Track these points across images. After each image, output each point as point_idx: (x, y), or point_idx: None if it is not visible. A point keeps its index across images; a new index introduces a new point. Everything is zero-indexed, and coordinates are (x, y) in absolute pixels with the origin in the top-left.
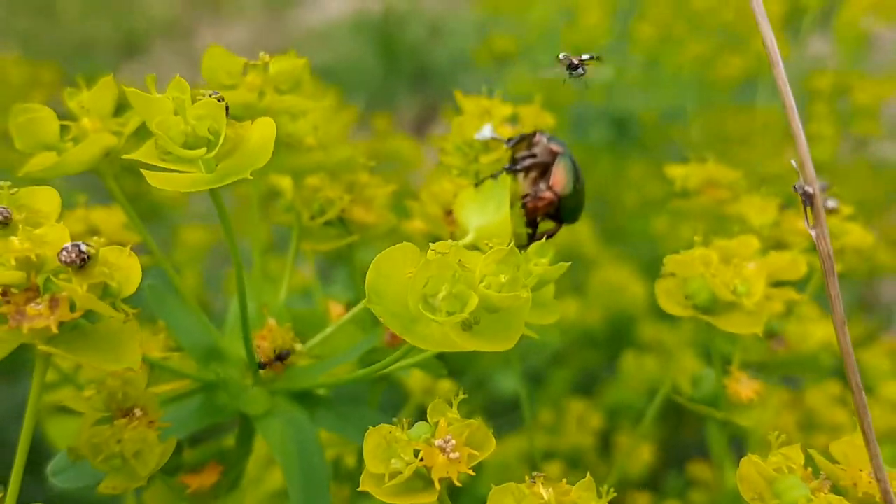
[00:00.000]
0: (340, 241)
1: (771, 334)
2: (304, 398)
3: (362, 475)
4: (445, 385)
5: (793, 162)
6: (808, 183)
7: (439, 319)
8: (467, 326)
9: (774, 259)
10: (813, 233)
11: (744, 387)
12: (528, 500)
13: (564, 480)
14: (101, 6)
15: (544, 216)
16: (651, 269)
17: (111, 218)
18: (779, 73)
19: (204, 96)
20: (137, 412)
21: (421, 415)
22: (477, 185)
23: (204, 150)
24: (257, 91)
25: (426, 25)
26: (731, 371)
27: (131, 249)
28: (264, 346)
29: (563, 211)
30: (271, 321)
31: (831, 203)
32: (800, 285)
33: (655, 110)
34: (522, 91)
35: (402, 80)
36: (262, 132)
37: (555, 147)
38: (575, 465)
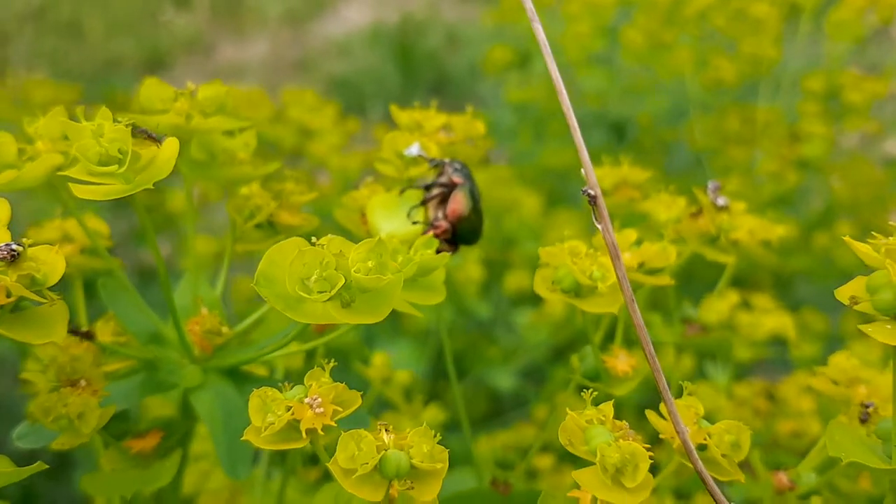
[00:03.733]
0: (269, 241)
1: (686, 320)
2: (234, 374)
3: (246, 429)
4: (402, 375)
5: (582, 171)
6: (591, 187)
7: (312, 298)
8: (346, 304)
9: (646, 248)
10: (599, 226)
11: (621, 362)
12: (367, 441)
13: (408, 430)
14: (126, 25)
15: (443, 241)
16: None
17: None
18: (563, 99)
19: (122, 123)
20: (83, 383)
21: (381, 402)
22: (400, 191)
23: (115, 166)
24: (185, 115)
25: (443, 34)
26: (612, 348)
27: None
28: (196, 330)
29: (460, 235)
30: (204, 309)
31: (721, 201)
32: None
33: (651, 114)
34: (523, 98)
35: (419, 88)
36: (168, 151)
37: (456, 178)
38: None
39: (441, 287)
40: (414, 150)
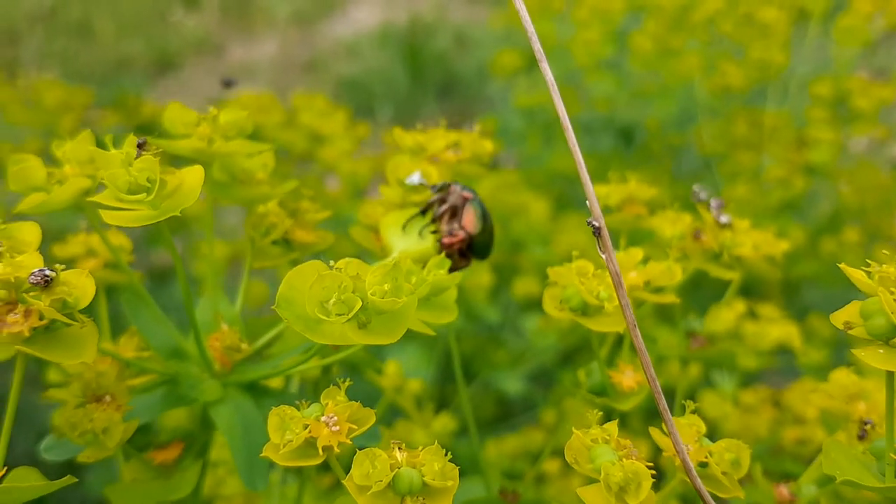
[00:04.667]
0: (285, 257)
1: (690, 334)
2: (253, 389)
3: (266, 445)
4: (414, 384)
5: (587, 202)
6: (595, 218)
7: (331, 320)
8: (362, 325)
9: (652, 267)
10: (603, 256)
11: (626, 378)
12: (381, 460)
13: (420, 448)
14: (136, 26)
15: (458, 253)
16: None
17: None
18: (565, 124)
19: (150, 153)
20: (107, 398)
21: (393, 410)
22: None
23: (144, 195)
24: (207, 139)
25: (452, 35)
26: (618, 364)
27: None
28: (216, 346)
29: (475, 248)
30: (224, 326)
31: (724, 219)
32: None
33: (659, 119)
34: (531, 104)
35: (428, 89)
36: (193, 178)
37: (466, 194)
38: None
39: (453, 305)
40: (415, 178)
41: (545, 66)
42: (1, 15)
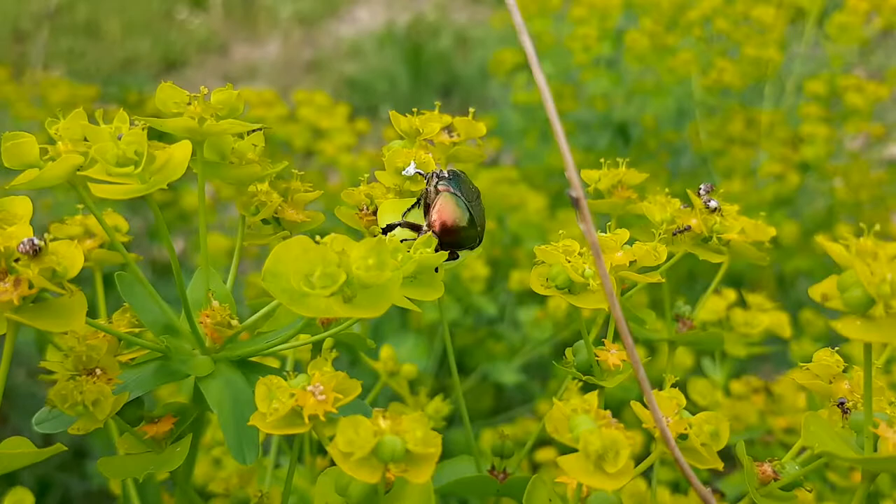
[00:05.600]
0: (275, 236)
1: (678, 317)
2: (244, 365)
3: (253, 414)
4: (408, 368)
5: (566, 174)
6: (574, 189)
7: (315, 293)
8: (347, 299)
9: (637, 248)
10: (582, 227)
11: (612, 356)
12: (364, 427)
13: (402, 414)
14: (142, 25)
15: (448, 247)
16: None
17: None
18: (549, 106)
19: (139, 126)
20: (98, 372)
21: (388, 394)
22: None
23: (132, 167)
24: (198, 118)
25: (454, 36)
26: (605, 342)
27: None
28: (206, 322)
29: (451, 242)
30: (215, 303)
31: (713, 203)
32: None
33: (655, 117)
34: (529, 101)
35: (429, 89)
36: (181, 153)
37: (441, 187)
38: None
39: (439, 283)
40: (410, 170)
41: (535, 65)
42: (8, 14)
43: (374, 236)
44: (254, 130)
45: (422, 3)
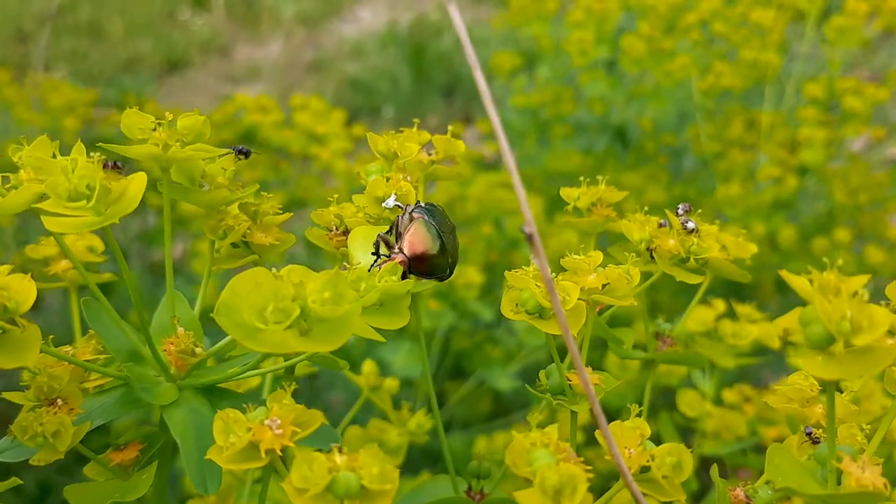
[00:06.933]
0: (244, 260)
1: (657, 335)
2: (211, 392)
3: (210, 448)
4: (390, 383)
5: (522, 209)
6: (528, 224)
7: (269, 328)
8: (304, 332)
9: (610, 271)
10: (536, 262)
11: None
12: (318, 463)
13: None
14: (145, 26)
15: (418, 274)
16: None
17: (77, 242)
18: (493, 117)
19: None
20: (59, 402)
21: (368, 408)
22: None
23: (84, 202)
24: (162, 144)
25: (456, 36)
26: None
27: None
28: (171, 349)
29: (422, 269)
30: (180, 329)
31: (690, 224)
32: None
33: (654, 120)
34: (527, 104)
35: (431, 89)
36: (136, 185)
37: (415, 214)
38: None
39: (405, 311)
40: (391, 202)
41: (479, 75)
42: (11, 15)
43: (344, 258)
44: (224, 154)
45: (424, 3)
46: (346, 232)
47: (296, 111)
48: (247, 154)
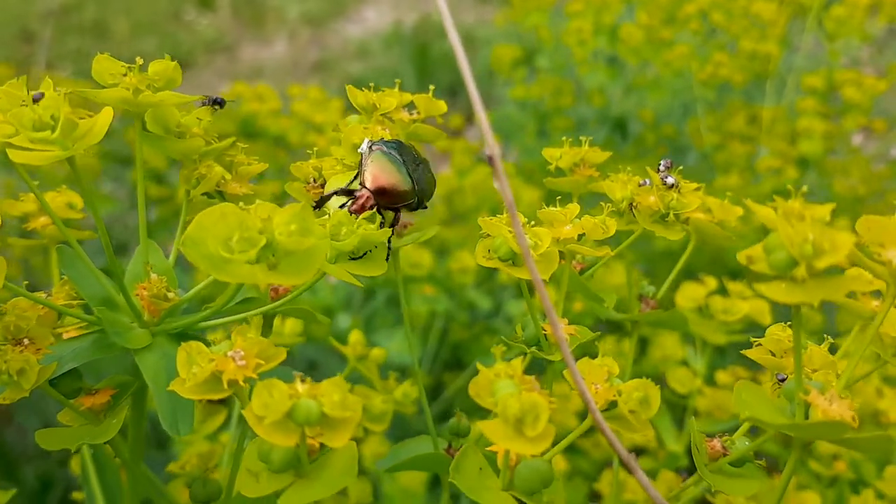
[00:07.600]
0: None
1: (641, 297)
2: (184, 338)
3: (173, 380)
4: (377, 352)
5: (481, 125)
6: (489, 147)
7: (236, 258)
8: (272, 266)
9: (586, 221)
10: (497, 185)
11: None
12: (279, 390)
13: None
14: (150, 25)
15: (387, 208)
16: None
17: (56, 199)
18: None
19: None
20: (26, 341)
21: (356, 377)
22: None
23: (48, 132)
24: (133, 88)
25: (461, 36)
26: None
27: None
28: (143, 294)
29: (389, 201)
30: (153, 275)
31: (670, 180)
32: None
33: (653, 111)
34: (527, 96)
35: (435, 89)
36: (102, 119)
37: (374, 147)
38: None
39: (382, 260)
40: (364, 146)
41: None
42: (16, 14)
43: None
44: (205, 103)
45: (429, 3)
46: (324, 185)
47: (294, 100)
48: (221, 104)
